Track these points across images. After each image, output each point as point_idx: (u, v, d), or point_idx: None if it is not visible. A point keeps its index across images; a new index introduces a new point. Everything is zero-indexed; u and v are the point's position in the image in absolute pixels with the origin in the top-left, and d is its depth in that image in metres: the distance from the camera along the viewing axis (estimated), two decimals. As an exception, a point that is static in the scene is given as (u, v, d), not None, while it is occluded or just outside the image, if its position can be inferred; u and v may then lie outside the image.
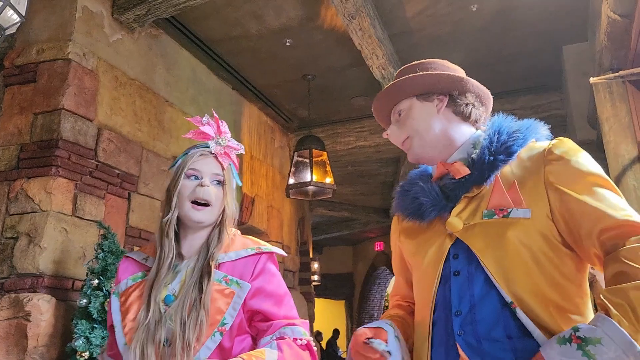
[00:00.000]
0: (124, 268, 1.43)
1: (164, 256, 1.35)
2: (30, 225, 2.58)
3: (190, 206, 1.34)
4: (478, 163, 1.17)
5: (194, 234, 1.39)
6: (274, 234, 5.13)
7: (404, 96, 1.29)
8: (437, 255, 1.16)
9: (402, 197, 1.30)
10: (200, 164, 1.39)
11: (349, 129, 5.35)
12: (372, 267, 11.40)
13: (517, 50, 4.06)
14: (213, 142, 1.44)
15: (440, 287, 1.13)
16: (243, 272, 1.36)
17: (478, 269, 1.09)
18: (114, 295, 1.39)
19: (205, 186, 1.36)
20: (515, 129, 1.19)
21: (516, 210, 1.08)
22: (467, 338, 1.05)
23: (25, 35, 2.98)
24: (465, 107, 1.25)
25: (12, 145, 2.80)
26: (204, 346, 1.27)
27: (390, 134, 1.33)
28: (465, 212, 1.15)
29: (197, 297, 1.29)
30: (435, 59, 1.34)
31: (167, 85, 3.64)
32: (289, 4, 3.45)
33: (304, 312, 5.26)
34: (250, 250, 1.41)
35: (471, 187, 1.16)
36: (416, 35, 3.81)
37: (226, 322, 1.30)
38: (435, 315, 1.13)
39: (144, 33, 3.45)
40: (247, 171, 4.68)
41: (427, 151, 1.26)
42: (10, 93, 2.92)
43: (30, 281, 2.50)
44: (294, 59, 4.18)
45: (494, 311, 1.04)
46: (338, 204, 8.15)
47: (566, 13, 3.57)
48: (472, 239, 1.11)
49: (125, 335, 1.31)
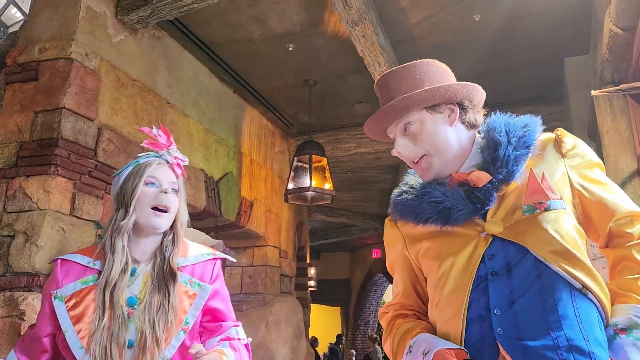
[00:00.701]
0: (65, 271, 1.42)
1: (118, 259, 1.39)
2: (28, 224, 2.57)
3: (152, 212, 1.40)
4: (502, 161, 1.16)
5: (147, 239, 1.45)
6: (272, 238, 5.12)
7: (412, 109, 1.22)
8: (471, 260, 1.13)
9: (414, 202, 1.24)
10: (158, 172, 1.45)
11: (349, 135, 5.35)
12: (369, 274, 11.38)
13: (519, 61, 4.07)
14: (165, 152, 1.50)
15: (473, 289, 1.11)
16: (203, 274, 1.47)
17: (518, 267, 1.09)
18: (56, 300, 1.37)
19: (168, 193, 1.42)
20: (523, 124, 1.21)
21: (554, 202, 1.11)
22: (509, 336, 1.05)
23: (28, 33, 2.98)
24: (473, 116, 1.25)
25: (12, 143, 2.79)
26: (170, 345, 1.34)
27: (402, 151, 1.25)
28: (501, 212, 1.14)
29: (163, 299, 1.36)
30: (424, 61, 1.29)
31: (168, 87, 3.64)
32: (292, 9, 3.46)
33: (299, 318, 5.24)
34: (207, 255, 1.51)
35: (500, 187, 1.16)
36: (418, 43, 3.81)
37: (189, 322, 1.39)
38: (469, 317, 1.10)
39: (147, 34, 3.46)
40: (247, 175, 4.68)
41: (445, 167, 1.22)
42: (12, 91, 2.92)
43: (26, 280, 2.49)
44: (296, 64, 4.19)
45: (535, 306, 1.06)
46: (337, 210, 8.14)
47: (569, 25, 3.58)
48: (521, 236, 1.10)
49: (81, 339, 1.32)
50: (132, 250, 1.44)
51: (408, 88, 1.23)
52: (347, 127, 5.37)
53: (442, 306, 1.17)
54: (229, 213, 4.29)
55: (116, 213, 1.44)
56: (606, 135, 2.90)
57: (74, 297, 1.38)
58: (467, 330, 1.10)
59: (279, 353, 4.65)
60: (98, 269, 1.42)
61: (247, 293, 4.92)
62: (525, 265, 1.08)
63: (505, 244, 1.11)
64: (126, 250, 1.40)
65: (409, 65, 1.28)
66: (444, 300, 1.17)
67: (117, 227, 1.40)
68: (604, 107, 2.93)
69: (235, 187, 4.44)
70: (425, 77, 1.24)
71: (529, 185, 1.13)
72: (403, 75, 1.26)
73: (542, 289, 1.06)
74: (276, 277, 5.13)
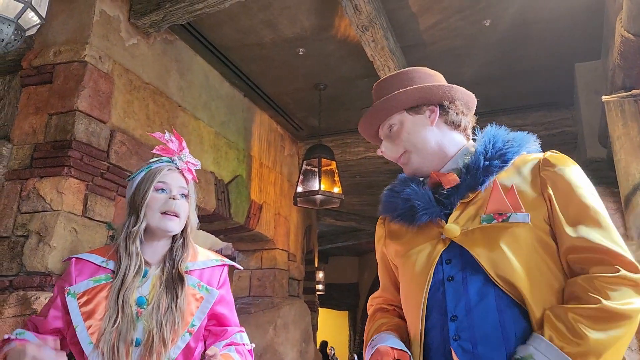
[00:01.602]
0: (79, 269, 1.47)
1: (133, 263, 1.43)
2: (41, 224, 2.61)
3: (161, 217, 1.44)
4: (472, 168, 1.18)
5: (159, 242, 1.49)
6: (281, 241, 5.14)
7: (393, 111, 1.30)
8: (428, 261, 1.16)
9: (392, 198, 1.30)
10: (168, 178, 1.49)
11: (358, 140, 5.36)
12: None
13: (529, 67, 4.06)
14: (176, 157, 1.54)
15: (432, 293, 1.13)
16: (210, 279, 1.51)
17: (474, 274, 1.09)
18: (69, 296, 1.42)
19: (177, 200, 1.46)
20: (510, 139, 1.22)
21: (515, 215, 1.10)
22: (463, 343, 1.06)
23: (44, 37, 3.03)
24: (456, 116, 1.28)
25: (27, 145, 2.83)
26: (176, 345, 1.38)
27: (385, 151, 1.33)
28: (462, 217, 1.16)
29: (171, 301, 1.40)
30: (413, 68, 1.36)
31: (180, 90, 3.68)
32: (303, 13, 3.49)
33: (307, 321, 5.25)
34: (215, 261, 1.56)
35: (466, 193, 1.17)
36: (429, 48, 3.82)
37: (195, 324, 1.43)
38: (430, 321, 1.13)
39: (159, 38, 3.50)
40: (256, 178, 4.70)
41: (425, 164, 1.27)
42: (27, 93, 2.96)
43: (39, 279, 2.53)
44: (306, 68, 4.21)
45: (490, 315, 1.05)
46: (345, 214, 8.14)
47: (580, 31, 3.58)
48: (472, 244, 1.11)
49: (91, 335, 1.36)
50: (144, 253, 1.48)
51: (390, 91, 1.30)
52: (356, 132, 5.33)
53: (407, 304, 1.23)
54: (239, 216, 4.32)
55: (129, 218, 1.48)
56: (617, 141, 2.89)
57: (86, 294, 1.42)
58: (428, 335, 1.13)
59: (286, 356, 4.65)
60: (111, 269, 1.47)
61: (255, 296, 4.94)
62: (479, 275, 1.09)
63: (462, 250, 1.13)
64: (140, 254, 1.45)
65: (398, 72, 1.35)
66: (406, 301, 1.23)
67: (130, 232, 1.45)
68: (615, 113, 2.92)
69: (244, 190, 4.46)
70: (410, 83, 1.29)
71: (492, 195, 1.14)
72: (391, 82, 1.33)
73: (498, 298, 1.06)
74: (284, 280, 5.14)
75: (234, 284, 4.98)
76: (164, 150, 1.54)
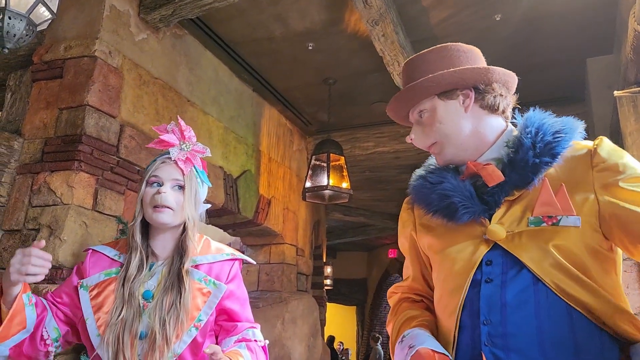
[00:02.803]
0: (93, 262, 1.48)
1: (133, 254, 1.44)
2: (52, 218, 2.63)
3: (153, 210, 1.43)
4: (519, 164, 1.09)
5: (164, 235, 1.48)
6: (289, 236, 5.15)
7: (424, 96, 1.19)
8: (470, 261, 1.09)
9: (427, 190, 1.20)
10: (160, 170, 1.47)
11: (368, 134, 5.35)
12: (385, 274, 11.35)
13: (540, 61, 4.02)
14: (176, 148, 1.52)
15: (469, 292, 1.07)
16: (219, 274, 1.48)
17: (515, 278, 1.03)
18: (81, 289, 1.43)
19: (162, 193, 1.43)
20: (558, 129, 1.11)
21: (566, 218, 1.02)
22: (496, 350, 1.00)
23: (54, 32, 3.04)
24: (493, 99, 1.17)
25: (37, 139, 2.86)
26: (181, 340, 1.37)
27: (415, 138, 1.23)
28: (507, 217, 1.08)
29: (176, 298, 1.39)
30: (447, 45, 1.25)
31: (189, 84, 3.69)
32: (313, 7, 3.47)
33: (316, 316, 5.26)
34: (226, 255, 1.52)
35: (511, 190, 1.09)
36: (439, 42, 3.75)
37: (202, 319, 1.41)
38: (461, 321, 1.07)
39: (168, 33, 3.50)
40: (265, 173, 4.71)
41: (459, 155, 1.17)
42: (38, 88, 2.98)
43: (50, 272, 2.53)
44: (316, 63, 4.20)
45: (528, 323, 0.99)
46: (354, 209, 8.14)
47: (592, 25, 3.53)
48: (519, 248, 1.04)
49: (99, 328, 1.37)
50: (154, 247, 1.49)
51: (420, 76, 1.20)
52: (365, 126, 5.37)
53: (442, 304, 1.15)
54: (247, 210, 4.33)
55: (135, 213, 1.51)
56: (629, 137, 2.85)
57: (97, 287, 1.43)
58: (460, 335, 1.07)
59: (294, 351, 4.67)
60: (122, 262, 1.48)
61: (263, 290, 4.96)
62: (521, 279, 1.02)
63: (504, 252, 1.05)
64: (139, 246, 1.45)
65: (430, 50, 1.25)
66: (444, 299, 1.15)
67: (131, 226, 1.47)
68: (627, 108, 2.89)
69: (253, 184, 4.47)
70: (442, 63, 1.20)
71: (541, 196, 1.05)
72: (423, 62, 1.23)
73: (537, 307, 0.99)
74: (293, 275, 5.16)
75: (243, 278, 5.00)
76: (158, 143, 1.53)
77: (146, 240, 1.49)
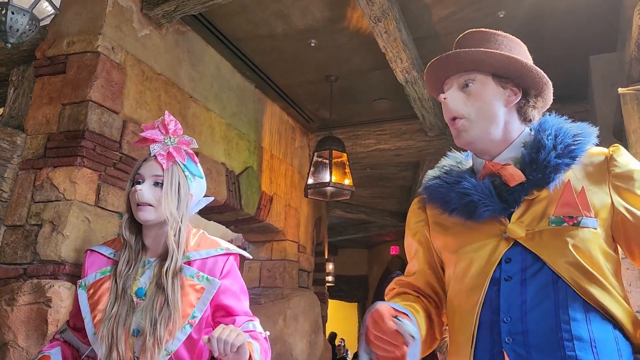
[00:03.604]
0: (91, 262, 1.50)
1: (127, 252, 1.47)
2: (54, 213, 2.64)
3: (137, 208, 1.44)
4: (542, 165, 1.10)
5: (151, 231, 1.49)
6: (291, 233, 5.15)
7: (483, 67, 1.16)
8: (489, 261, 1.10)
9: (444, 189, 1.20)
10: (143, 168, 1.48)
11: (369, 132, 5.34)
12: (387, 271, 11.35)
13: (543, 59, 3.98)
14: (158, 144, 1.50)
15: (488, 290, 1.08)
16: (213, 269, 1.46)
17: (535, 276, 1.04)
18: (80, 289, 1.45)
19: (138, 190, 1.44)
20: (577, 133, 1.14)
21: (586, 219, 1.04)
22: (516, 347, 1.01)
23: (57, 27, 3.04)
24: (531, 110, 1.18)
25: (40, 135, 2.86)
26: (175, 338, 1.37)
27: (450, 100, 1.17)
28: (527, 216, 1.09)
29: (166, 298, 1.38)
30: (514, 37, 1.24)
31: (191, 81, 3.69)
32: (315, 4, 3.47)
33: (317, 312, 5.27)
34: (220, 250, 1.50)
35: (531, 190, 1.10)
36: (442, 39, 3.79)
37: (196, 316, 1.40)
38: (480, 318, 1.08)
39: (171, 29, 3.50)
40: (267, 169, 4.71)
41: (482, 141, 1.16)
42: (40, 83, 2.99)
43: (52, 268, 2.56)
44: (318, 60, 4.19)
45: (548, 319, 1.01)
46: (355, 206, 8.14)
47: (595, 22, 3.52)
48: (540, 246, 1.05)
49: (94, 326, 1.39)
50: (146, 243, 1.51)
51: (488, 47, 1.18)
52: (367, 124, 5.37)
53: (457, 301, 1.16)
54: (249, 207, 4.33)
55: None
56: (633, 134, 2.85)
57: (93, 287, 1.45)
58: (478, 332, 1.08)
59: (296, 347, 4.68)
60: (116, 260, 1.49)
61: (265, 287, 4.97)
62: (541, 277, 1.04)
63: (524, 250, 1.07)
64: (130, 243, 1.47)
65: (502, 34, 1.23)
66: (459, 297, 1.15)
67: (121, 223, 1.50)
68: (631, 106, 2.88)
69: (255, 181, 4.47)
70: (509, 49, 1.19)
71: (563, 196, 1.06)
72: (487, 38, 1.21)
73: (557, 304, 1.01)
74: (294, 271, 5.17)
75: (244, 274, 5.01)
76: (141, 142, 1.53)
77: (140, 237, 1.50)
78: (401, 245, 10.87)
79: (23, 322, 2.42)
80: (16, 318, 2.40)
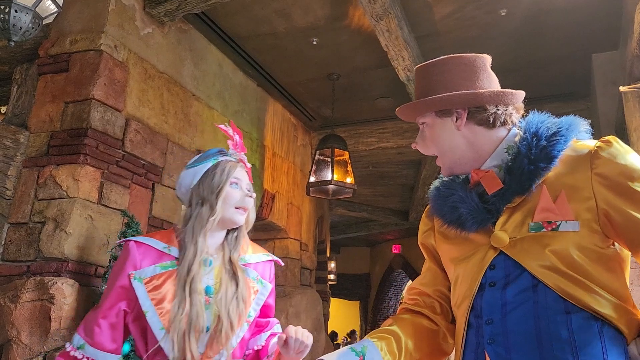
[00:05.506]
0: (142, 253, 1.42)
1: (199, 251, 1.44)
2: (57, 211, 2.65)
3: (235, 211, 1.48)
4: (517, 172, 1.11)
5: (219, 233, 1.52)
6: (293, 231, 5.16)
7: (424, 112, 1.25)
8: (478, 267, 1.13)
9: (440, 201, 1.25)
10: (240, 174, 1.53)
11: (371, 130, 5.35)
12: (389, 269, 11.36)
13: (545, 57, 4.01)
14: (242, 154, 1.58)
15: (476, 296, 1.13)
16: (264, 273, 1.57)
17: (516, 280, 1.07)
18: (135, 280, 1.37)
19: (252, 197, 1.53)
20: (554, 131, 1.13)
21: (565, 224, 1.05)
22: (497, 348, 1.05)
23: (60, 25, 3.05)
24: (487, 117, 1.18)
25: (43, 133, 2.88)
26: (236, 334, 1.42)
27: (419, 147, 1.30)
28: (510, 224, 1.11)
29: (235, 290, 1.45)
30: (449, 57, 1.27)
31: (194, 79, 3.70)
32: (317, 3, 3.47)
33: (319, 310, 5.28)
34: (266, 256, 1.62)
35: (512, 198, 1.12)
36: (443, 37, 3.79)
37: (251, 315, 1.47)
38: (469, 321, 1.14)
39: (173, 27, 3.51)
40: (269, 168, 4.72)
41: (458, 166, 1.22)
42: (44, 81, 3.00)
43: (55, 265, 2.57)
44: (320, 58, 4.20)
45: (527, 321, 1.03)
46: (357, 205, 8.15)
47: (597, 21, 3.52)
48: (520, 254, 1.08)
49: (162, 321, 1.36)
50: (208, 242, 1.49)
51: (422, 90, 1.26)
52: (369, 122, 5.37)
53: (456, 306, 1.22)
54: (251, 205, 4.34)
55: (198, 207, 1.46)
56: (634, 132, 2.85)
57: (153, 280, 1.40)
58: (467, 335, 1.14)
59: (298, 344, 4.69)
60: (174, 256, 1.44)
61: (267, 284, 4.97)
62: (521, 281, 1.06)
63: (507, 257, 1.10)
64: (206, 242, 1.46)
65: (431, 63, 1.27)
66: (457, 305, 1.21)
67: (203, 221, 1.45)
68: (632, 104, 2.88)
69: (257, 179, 4.48)
70: (441, 79, 1.23)
71: (540, 202, 1.07)
72: (424, 75, 1.28)
73: (536, 305, 1.03)
74: (297, 269, 5.18)
75: (247, 272, 5.02)
76: (234, 145, 1.58)
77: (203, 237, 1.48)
78: (403, 243, 10.87)
79: (26, 319, 2.43)
80: (19, 315, 2.42)
